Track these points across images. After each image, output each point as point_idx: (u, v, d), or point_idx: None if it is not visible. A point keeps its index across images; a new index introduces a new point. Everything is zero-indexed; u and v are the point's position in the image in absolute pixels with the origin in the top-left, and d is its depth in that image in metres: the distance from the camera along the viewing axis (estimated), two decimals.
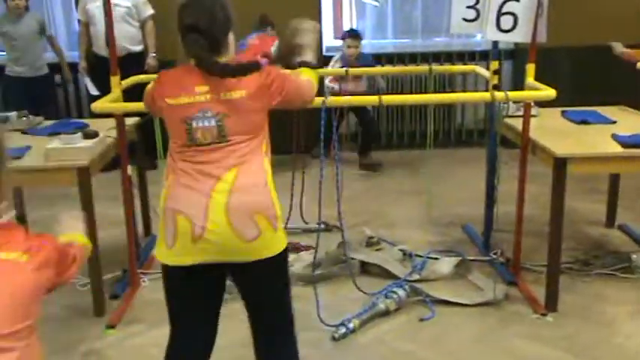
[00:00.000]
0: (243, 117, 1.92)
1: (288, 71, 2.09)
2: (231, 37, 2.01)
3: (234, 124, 1.91)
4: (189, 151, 1.93)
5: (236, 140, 1.92)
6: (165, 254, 1.94)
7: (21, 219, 4.11)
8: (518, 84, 4.80)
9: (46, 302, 3.24)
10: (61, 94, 5.98)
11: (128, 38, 5.28)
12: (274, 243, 1.93)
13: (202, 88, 1.91)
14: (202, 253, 1.89)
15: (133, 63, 5.07)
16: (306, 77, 2.12)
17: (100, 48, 5.16)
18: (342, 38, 5.27)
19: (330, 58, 5.49)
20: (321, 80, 2.75)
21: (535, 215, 3.95)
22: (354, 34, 5.24)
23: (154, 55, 5.33)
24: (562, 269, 3.17)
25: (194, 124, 1.90)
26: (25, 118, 3.70)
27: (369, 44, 5.92)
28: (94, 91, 5.17)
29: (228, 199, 1.87)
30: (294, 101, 2.08)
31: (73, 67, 5.66)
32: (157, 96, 2.00)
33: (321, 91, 4.72)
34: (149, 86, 2.13)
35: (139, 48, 5.40)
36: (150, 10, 5.38)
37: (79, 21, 5.50)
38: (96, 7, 5.09)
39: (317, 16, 5.79)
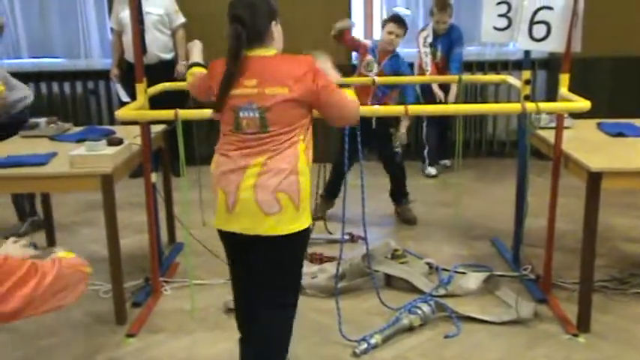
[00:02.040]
0: (284, 112, 2.12)
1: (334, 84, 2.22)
2: (275, 27, 2.20)
3: (275, 117, 2.12)
4: (234, 136, 2.17)
5: (275, 131, 2.13)
6: (215, 219, 2.26)
7: (46, 223, 4.14)
8: (553, 94, 4.68)
9: (67, 308, 3.23)
10: (93, 101, 6.05)
11: (159, 46, 5.32)
12: (295, 220, 2.15)
13: (250, 82, 2.12)
14: (234, 223, 2.19)
15: (163, 71, 5.11)
16: (352, 97, 2.27)
17: (133, 56, 5.19)
18: (383, 24, 4.41)
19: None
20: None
21: (568, 230, 3.83)
22: (397, 19, 4.30)
23: (185, 63, 5.35)
24: (596, 287, 3.06)
25: (241, 114, 2.13)
26: (53, 125, 3.73)
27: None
28: (125, 98, 5.22)
29: (256, 180, 2.12)
30: (333, 115, 2.23)
31: (105, 74, 5.72)
32: (213, 84, 2.22)
33: None
34: (194, 77, 2.47)
35: (169, 56, 5.45)
36: (181, 19, 5.43)
37: (112, 29, 5.55)
38: (129, 16, 5.12)
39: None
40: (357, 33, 5.91)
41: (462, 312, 3.03)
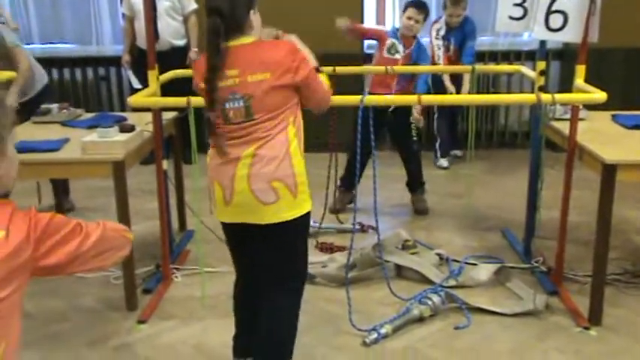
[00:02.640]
0: (268, 97, 2.11)
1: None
2: (254, 16, 2.17)
3: (260, 104, 2.11)
4: (225, 128, 2.16)
5: (262, 118, 2.12)
6: (216, 211, 2.28)
7: (60, 207, 4.16)
8: (566, 85, 4.63)
9: (79, 294, 3.25)
10: (104, 87, 6.06)
11: (172, 33, 5.31)
12: (293, 207, 2.17)
13: (232, 72, 2.10)
14: (233, 214, 2.21)
15: (175, 57, 5.11)
16: (327, 85, 2.28)
17: (144, 42, 5.19)
18: (403, 9, 4.26)
19: (371, 55, 5.40)
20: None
21: (580, 222, 3.80)
22: (418, 4, 4.16)
23: (196, 50, 5.35)
24: (608, 280, 3.03)
25: (227, 106, 2.13)
26: (65, 111, 3.73)
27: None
28: (136, 85, 5.21)
29: (250, 170, 2.13)
30: (309, 98, 2.21)
31: (116, 60, 5.72)
32: (197, 82, 2.21)
33: (360, 90, 4.60)
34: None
35: (182, 42, 5.44)
36: (193, 5, 5.41)
37: (123, 15, 5.54)
38: (141, 2, 5.11)
39: (359, 14, 5.73)
40: (370, 22, 5.89)
41: (473, 303, 3.02)
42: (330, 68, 3.58)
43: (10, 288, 1.27)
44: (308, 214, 2.24)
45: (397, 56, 4.16)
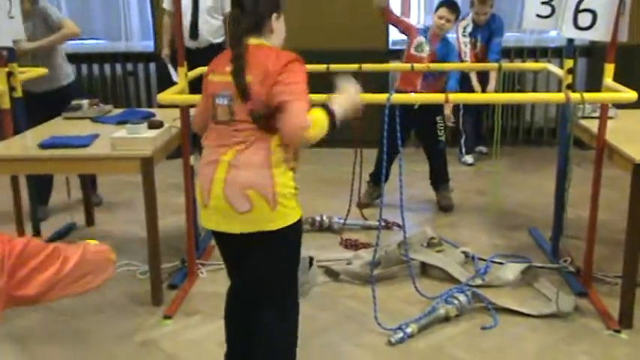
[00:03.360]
0: (251, 101, 2.01)
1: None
2: (276, 21, 2.12)
3: (241, 106, 2.03)
4: (213, 125, 2.11)
5: (241, 121, 2.04)
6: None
7: (88, 201, 4.21)
8: (593, 83, 4.57)
9: (106, 288, 3.28)
10: (132, 83, 6.11)
11: (210, 31, 5.37)
12: (271, 219, 2.03)
13: (228, 68, 2.06)
14: (210, 220, 2.13)
15: (213, 54, 5.14)
16: (313, 115, 2.00)
17: (184, 39, 5.24)
18: (435, 8, 4.27)
19: (396, 51, 5.39)
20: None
21: (610, 222, 3.75)
22: (449, 4, 4.17)
23: None
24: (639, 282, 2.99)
25: (216, 101, 2.08)
26: (95, 107, 3.78)
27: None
28: (176, 78, 5.27)
29: (226, 174, 2.03)
30: (279, 121, 1.98)
31: (145, 56, 5.78)
32: (205, 72, 2.23)
33: (386, 87, 4.57)
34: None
35: (220, 40, 5.49)
36: None
37: (161, 10, 5.55)
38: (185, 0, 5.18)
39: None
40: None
41: (500, 303, 2.99)
42: (355, 66, 3.59)
43: None
44: (291, 227, 2.07)
45: (423, 54, 4.16)
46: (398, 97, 2.76)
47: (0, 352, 2.75)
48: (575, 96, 2.70)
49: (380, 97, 2.71)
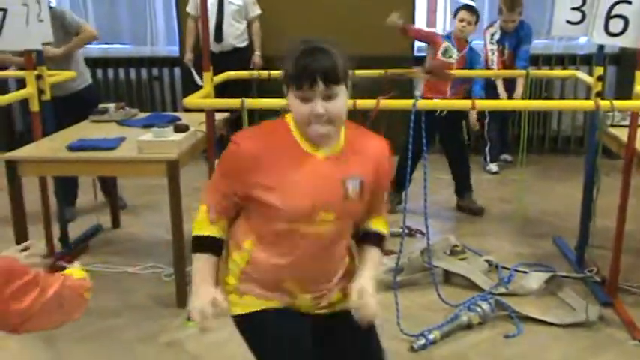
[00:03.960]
0: None
1: None
2: (289, 94, 1.61)
3: None
4: None
5: None
6: None
7: (111, 206, 4.26)
8: (622, 90, 4.51)
9: (130, 290, 3.32)
10: (157, 87, 6.18)
11: (235, 35, 5.43)
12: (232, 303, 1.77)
13: None
14: None
15: (236, 58, 5.24)
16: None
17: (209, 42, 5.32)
18: (455, 13, 4.35)
19: (421, 59, 5.38)
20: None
21: (636, 232, 3.70)
22: (468, 7, 4.27)
23: (259, 54, 5.47)
24: None
25: None
26: (122, 110, 3.83)
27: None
28: (200, 82, 5.33)
29: None
30: None
31: (170, 61, 5.84)
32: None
33: (411, 94, 4.55)
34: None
35: (244, 44, 5.54)
36: (257, 10, 5.52)
37: (185, 14, 5.61)
38: (210, 4, 5.24)
39: (410, 14, 5.70)
40: (421, 24, 5.85)
41: (523, 312, 2.97)
42: (381, 71, 3.60)
43: None
44: (245, 318, 1.77)
45: (452, 60, 4.15)
46: (424, 103, 2.75)
47: (27, 350, 2.79)
48: (604, 103, 2.68)
49: (406, 103, 2.71)
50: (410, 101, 2.67)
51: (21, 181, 3.08)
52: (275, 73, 4.37)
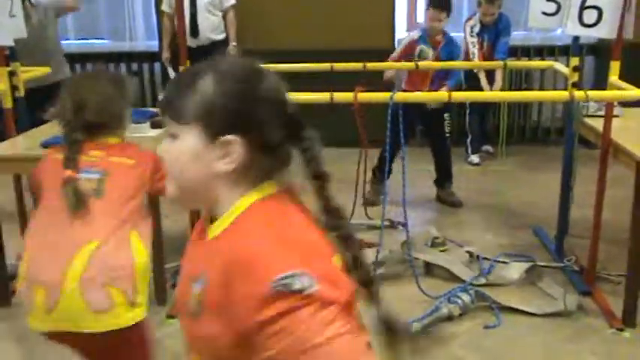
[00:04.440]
0: None
1: None
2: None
3: None
4: None
5: None
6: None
7: None
8: (601, 81, 4.53)
9: None
10: (136, 83, 6.12)
11: (211, 28, 5.36)
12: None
13: None
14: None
15: (215, 51, 5.16)
16: None
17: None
18: (425, 11, 4.36)
19: None
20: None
21: (614, 221, 3.71)
22: (436, 4, 4.19)
23: (235, 44, 5.41)
24: None
25: None
26: None
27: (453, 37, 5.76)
28: None
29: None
30: None
31: (149, 56, 5.79)
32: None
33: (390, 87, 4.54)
34: None
35: (221, 37, 5.46)
36: (232, 0, 5.44)
37: (161, 12, 5.57)
38: None
39: (390, 9, 5.69)
40: (401, 19, 5.85)
41: (503, 302, 2.98)
42: (359, 64, 3.59)
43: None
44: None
45: (429, 58, 4.17)
46: (400, 96, 2.74)
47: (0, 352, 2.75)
48: (579, 94, 2.69)
49: (383, 96, 2.70)
50: (387, 94, 2.66)
51: None
52: None
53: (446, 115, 4.26)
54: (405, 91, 4.13)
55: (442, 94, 3.02)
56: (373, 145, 3.80)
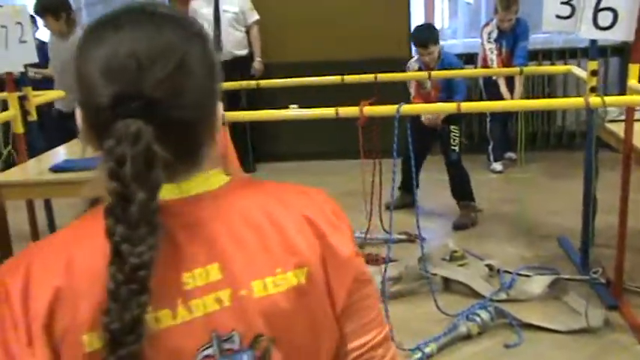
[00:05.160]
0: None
1: None
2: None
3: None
4: None
5: None
6: None
7: None
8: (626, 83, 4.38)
9: None
10: None
11: (234, 43, 5.38)
12: None
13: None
14: None
15: (238, 66, 5.19)
16: None
17: None
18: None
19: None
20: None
21: None
22: (416, 42, 4.28)
23: (260, 59, 5.41)
24: None
25: None
26: None
27: (461, 44, 5.66)
28: None
29: None
30: None
31: None
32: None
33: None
34: None
35: (244, 52, 5.48)
36: (255, 16, 5.46)
37: None
38: (207, 14, 5.19)
39: (406, 15, 5.61)
40: (418, 21, 5.77)
41: (524, 319, 2.86)
42: (371, 76, 3.52)
43: None
44: None
45: (427, 89, 4.19)
46: (408, 108, 2.66)
47: None
48: (595, 100, 2.57)
49: (389, 109, 2.62)
50: (394, 107, 2.58)
51: (4, 205, 3.03)
52: (266, 82, 4.32)
53: (453, 128, 4.13)
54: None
55: (450, 106, 2.92)
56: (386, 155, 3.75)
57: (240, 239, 0.78)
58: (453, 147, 4.16)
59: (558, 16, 2.94)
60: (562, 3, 2.93)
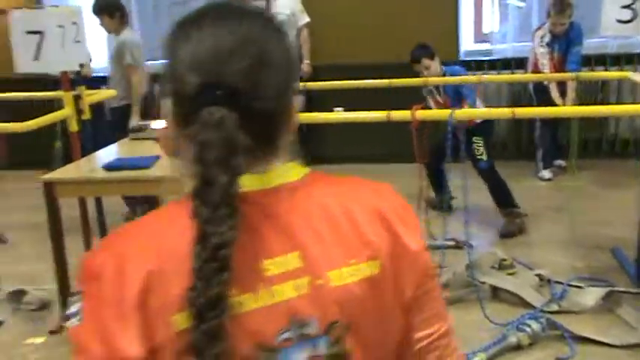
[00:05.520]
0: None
1: None
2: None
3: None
4: None
5: None
6: None
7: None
8: None
9: None
10: None
11: None
12: None
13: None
14: None
15: None
16: None
17: None
18: None
19: (468, 62, 5.25)
20: None
21: None
22: (413, 59, 4.18)
23: (308, 62, 5.43)
24: None
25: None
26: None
27: (511, 48, 5.56)
28: None
29: None
30: None
31: None
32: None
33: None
34: None
35: None
36: (306, 18, 5.48)
37: None
38: None
39: (455, 19, 5.54)
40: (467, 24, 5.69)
41: (577, 331, 2.78)
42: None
43: None
44: None
45: (439, 98, 4.15)
46: (461, 113, 2.62)
47: None
48: None
49: (442, 113, 2.58)
50: (447, 111, 2.54)
51: (57, 202, 3.08)
52: (312, 84, 4.31)
53: (475, 139, 4.01)
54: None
55: (504, 111, 2.86)
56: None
57: (317, 230, 0.81)
58: (478, 157, 4.06)
59: (619, 21, 2.85)
60: (622, 7, 2.84)
